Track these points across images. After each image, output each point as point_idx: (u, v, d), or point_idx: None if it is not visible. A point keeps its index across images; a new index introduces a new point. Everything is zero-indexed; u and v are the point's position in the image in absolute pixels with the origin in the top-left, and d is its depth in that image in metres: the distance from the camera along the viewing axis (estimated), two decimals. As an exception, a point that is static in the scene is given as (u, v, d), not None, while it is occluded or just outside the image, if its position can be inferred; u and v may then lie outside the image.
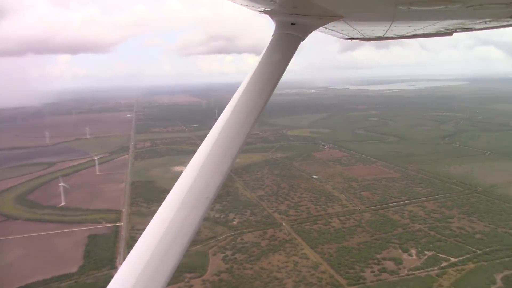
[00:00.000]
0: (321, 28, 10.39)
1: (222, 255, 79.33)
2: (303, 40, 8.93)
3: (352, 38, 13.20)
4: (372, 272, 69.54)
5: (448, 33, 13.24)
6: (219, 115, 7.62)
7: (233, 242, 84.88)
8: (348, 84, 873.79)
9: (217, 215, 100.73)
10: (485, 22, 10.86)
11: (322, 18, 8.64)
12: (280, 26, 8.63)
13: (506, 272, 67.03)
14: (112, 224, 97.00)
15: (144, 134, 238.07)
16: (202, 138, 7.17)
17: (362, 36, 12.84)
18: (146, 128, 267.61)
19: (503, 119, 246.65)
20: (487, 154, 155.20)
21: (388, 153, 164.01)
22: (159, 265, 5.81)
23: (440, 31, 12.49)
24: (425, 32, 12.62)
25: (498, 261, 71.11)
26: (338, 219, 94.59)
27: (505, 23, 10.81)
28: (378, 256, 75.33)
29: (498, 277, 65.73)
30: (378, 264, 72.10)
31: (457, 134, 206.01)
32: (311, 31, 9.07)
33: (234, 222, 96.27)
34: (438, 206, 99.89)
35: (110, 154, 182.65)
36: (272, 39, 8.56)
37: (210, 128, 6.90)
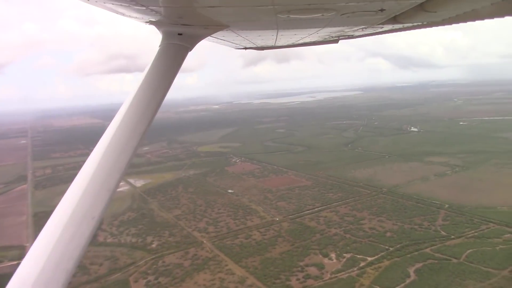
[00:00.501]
0: (211, 38, 10.75)
1: (145, 280, 75.60)
2: (190, 50, 9.01)
3: (246, 48, 13.62)
4: (298, 279, 70.82)
5: (334, 40, 14.61)
6: None
7: (155, 266, 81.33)
8: (252, 98, 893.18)
9: (133, 240, 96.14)
10: (362, 29, 12.17)
11: (208, 27, 8.84)
12: (166, 37, 8.65)
13: (417, 265, 72.33)
14: (16, 262, 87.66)
15: (43, 161, 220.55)
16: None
17: (255, 46, 13.30)
18: (44, 154, 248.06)
19: (396, 124, 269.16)
20: (387, 157, 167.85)
21: (298, 163, 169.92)
22: None
23: (326, 38, 13.47)
24: (312, 40, 13.44)
25: (409, 255, 76.51)
26: (258, 231, 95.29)
27: (379, 30, 12.25)
28: (301, 263, 77.00)
29: (411, 270, 70.68)
30: (302, 271, 73.64)
31: (358, 140, 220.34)
32: (199, 41, 9.18)
33: (153, 245, 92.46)
34: (349, 210, 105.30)
35: (5, 185, 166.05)
36: (159, 50, 8.54)
37: None
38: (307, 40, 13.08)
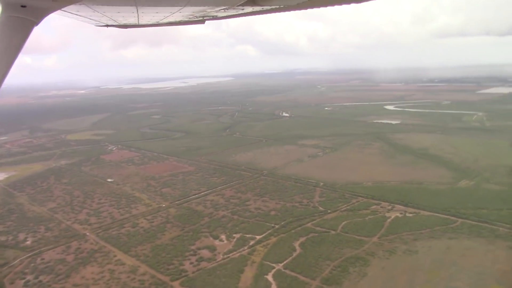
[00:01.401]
0: (66, 13, 10.04)
1: (23, 281, 68.83)
2: (37, 24, 8.30)
3: (107, 25, 13.04)
4: (191, 263, 71.30)
5: (200, 21, 14.67)
6: None
7: (32, 265, 74.43)
8: (121, 83, 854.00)
9: (3, 238, 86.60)
10: (224, 10, 12.37)
11: (57, 0, 8.23)
12: (7, 9, 7.82)
13: (301, 239, 78.05)
14: None
15: None
16: None
17: (116, 23, 12.78)
18: None
19: (269, 109, 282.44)
20: (264, 141, 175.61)
21: (178, 149, 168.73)
22: None
23: (190, 18, 13.54)
24: (177, 20, 13.44)
25: (293, 231, 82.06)
26: (145, 219, 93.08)
27: (240, 11, 12.52)
28: (192, 247, 77.52)
29: (296, 244, 76.05)
30: (195, 255, 74.29)
31: (235, 125, 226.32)
32: (46, 15, 8.51)
33: (28, 242, 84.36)
34: (234, 192, 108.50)
35: None
36: None
37: None
38: (171, 19, 12.92)
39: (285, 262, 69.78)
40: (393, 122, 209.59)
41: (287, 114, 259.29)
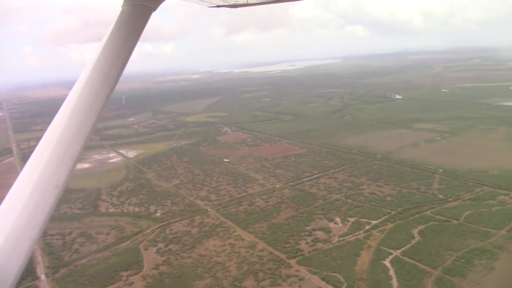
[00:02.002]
0: None
1: (155, 248, 76.75)
2: (154, 10, 8.63)
3: (218, 6, 13.67)
4: (307, 243, 73.24)
5: None
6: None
7: (163, 234, 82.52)
8: (231, 67, 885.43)
9: (136, 209, 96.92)
10: None
11: None
12: None
13: (420, 227, 75.52)
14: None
15: (26, 134, 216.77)
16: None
17: (227, 3, 13.34)
18: (25, 126, 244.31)
19: (380, 91, 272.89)
20: (376, 124, 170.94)
21: (289, 131, 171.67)
22: (4, 264, 5.33)
23: None
24: None
25: (411, 218, 79.66)
26: (260, 199, 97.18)
27: None
28: (307, 228, 79.40)
29: (415, 232, 73.83)
30: (310, 236, 76.08)
31: (345, 108, 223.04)
32: (163, 0, 8.85)
33: (157, 214, 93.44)
34: (347, 176, 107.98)
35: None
36: (121, 11, 8.14)
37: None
38: None
39: (403, 249, 68.32)
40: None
41: (399, 97, 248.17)
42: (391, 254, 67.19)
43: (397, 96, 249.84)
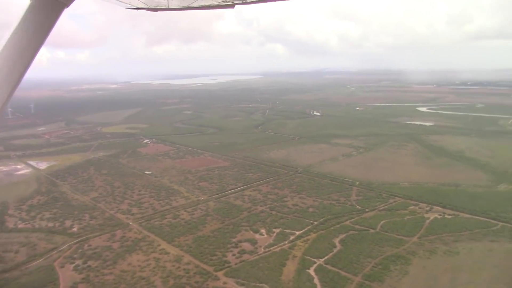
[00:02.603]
0: None
1: (72, 265, 71.99)
2: (67, 6, 8.22)
3: (138, 8, 13.29)
4: (234, 255, 73.18)
5: (230, 5, 14.28)
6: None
7: (80, 250, 77.72)
8: (151, 78, 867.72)
9: (50, 224, 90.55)
10: None
11: None
12: None
13: (341, 236, 78.94)
14: None
15: None
16: None
17: (146, 6, 13.00)
18: None
19: (299, 108, 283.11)
20: (297, 139, 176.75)
21: (212, 144, 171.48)
22: None
23: (220, 2, 13.33)
24: (207, 4, 13.36)
25: (332, 228, 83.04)
26: (185, 211, 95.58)
27: None
28: (234, 240, 79.41)
29: (336, 241, 77.03)
30: (237, 247, 76.15)
31: (267, 123, 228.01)
32: None
33: (74, 229, 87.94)
34: (271, 188, 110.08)
35: None
36: (30, 4, 7.62)
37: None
38: (201, 2, 13.17)
39: (326, 258, 70.88)
40: (427, 124, 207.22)
41: (318, 113, 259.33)
42: (315, 263, 69.40)
43: (315, 113, 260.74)
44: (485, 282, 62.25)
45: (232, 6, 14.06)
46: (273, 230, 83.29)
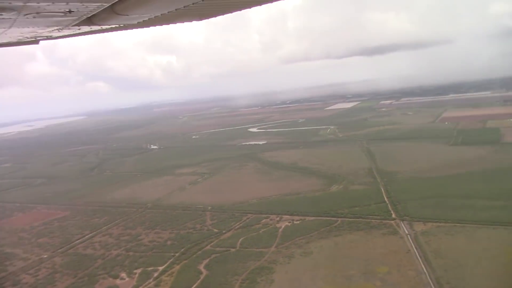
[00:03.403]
0: None
1: None
2: None
3: None
4: (96, 308, 67.05)
5: (34, 41, 13.72)
6: None
7: None
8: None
9: None
10: (59, 31, 11.65)
11: None
12: None
13: (205, 262, 78.85)
14: None
15: None
16: None
17: None
18: None
19: (135, 144, 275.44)
20: (139, 175, 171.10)
21: (45, 195, 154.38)
22: None
23: (21, 39, 12.57)
24: (6, 41, 12.63)
25: (194, 255, 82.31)
26: (27, 274, 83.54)
27: (77, 31, 11.94)
28: (91, 292, 72.83)
29: (201, 267, 76.73)
30: (97, 299, 69.98)
31: (103, 163, 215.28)
32: None
33: None
34: (122, 229, 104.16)
35: None
36: None
37: None
38: (3, 40, 12.38)
39: (194, 286, 70.03)
40: (260, 142, 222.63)
41: (155, 146, 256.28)
42: (185, 294, 67.98)
43: (153, 146, 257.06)
44: (340, 272, 69.25)
45: (36, 42, 13.69)
46: (134, 271, 78.84)
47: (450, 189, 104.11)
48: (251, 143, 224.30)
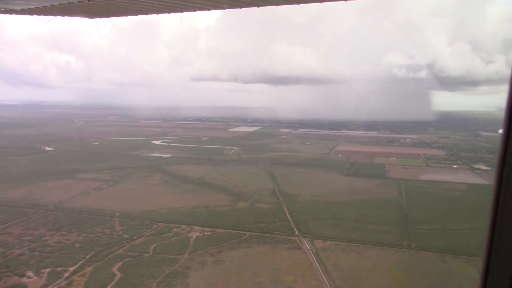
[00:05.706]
0: None
1: None
2: None
3: None
4: (2, 305, 64.61)
5: None
6: None
7: None
8: None
9: None
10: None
11: None
12: None
13: (118, 264, 79.71)
14: None
15: None
16: None
17: None
18: None
19: (26, 143, 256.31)
20: (35, 176, 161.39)
21: None
22: None
23: None
24: None
25: (106, 258, 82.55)
26: None
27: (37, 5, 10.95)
28: (-5, 290, 69.63)
29: (115, 270, 77.54)
30: (2, 297, 67.29)
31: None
32: None
33: None
34: (23, 230, 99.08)
35: None
36: None
37: None
38: None
39: (109, 287, 70.89)
40: (165, 155, 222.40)
41: (51, 148, 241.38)
42: (101, 294, 68.60)
43: (48, 148, 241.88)
44: (250, 279, 75.46)
45: None
46: (42, 270, 76.79)
47: (344, 213, 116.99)
48: (156, 155, 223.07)
